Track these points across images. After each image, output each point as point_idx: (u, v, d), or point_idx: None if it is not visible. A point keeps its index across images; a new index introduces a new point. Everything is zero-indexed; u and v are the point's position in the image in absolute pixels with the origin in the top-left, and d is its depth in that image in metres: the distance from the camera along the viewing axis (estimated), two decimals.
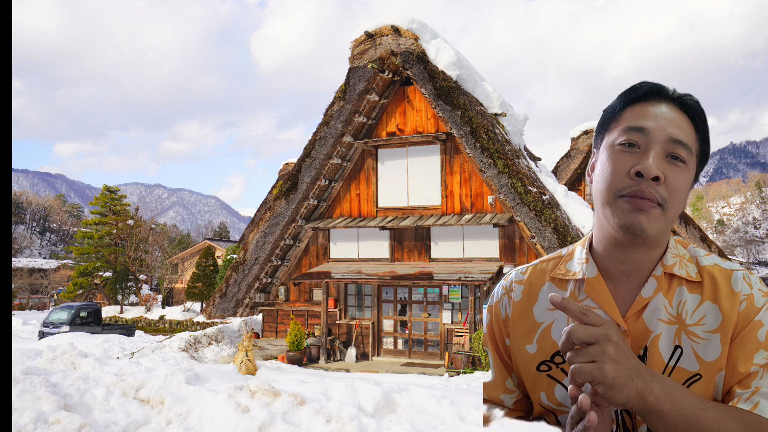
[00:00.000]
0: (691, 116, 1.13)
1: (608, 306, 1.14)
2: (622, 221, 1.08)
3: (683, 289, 1.13)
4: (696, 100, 1.15)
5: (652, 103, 1.13)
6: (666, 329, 1.11)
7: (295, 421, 5.59)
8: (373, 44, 15.06)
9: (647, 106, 1.13)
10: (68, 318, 21.02)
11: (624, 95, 1.17)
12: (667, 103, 1.13)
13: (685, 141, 1.10)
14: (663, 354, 1.10)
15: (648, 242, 1.11)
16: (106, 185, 38.01)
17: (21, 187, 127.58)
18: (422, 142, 15.50)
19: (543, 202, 13.17)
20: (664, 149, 1.09)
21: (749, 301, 1.10)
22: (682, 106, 1.13)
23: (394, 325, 15.47)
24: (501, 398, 1.33)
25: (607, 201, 1.10)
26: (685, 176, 1.10)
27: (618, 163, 1.10)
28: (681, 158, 1.09)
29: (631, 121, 1.12)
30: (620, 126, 1.13)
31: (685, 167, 1.10)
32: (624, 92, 1.17)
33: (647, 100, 1.14)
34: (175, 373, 6.49)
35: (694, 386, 1.08)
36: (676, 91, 1.15)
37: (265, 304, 17.13)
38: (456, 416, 6.11)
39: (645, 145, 1.09)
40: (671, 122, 1.11)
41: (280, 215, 16.25)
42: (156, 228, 46.04)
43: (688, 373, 1.09)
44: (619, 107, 1.16)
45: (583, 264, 1.20)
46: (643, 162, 1.07)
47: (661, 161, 1.08)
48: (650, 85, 1.15)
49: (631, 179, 1.07)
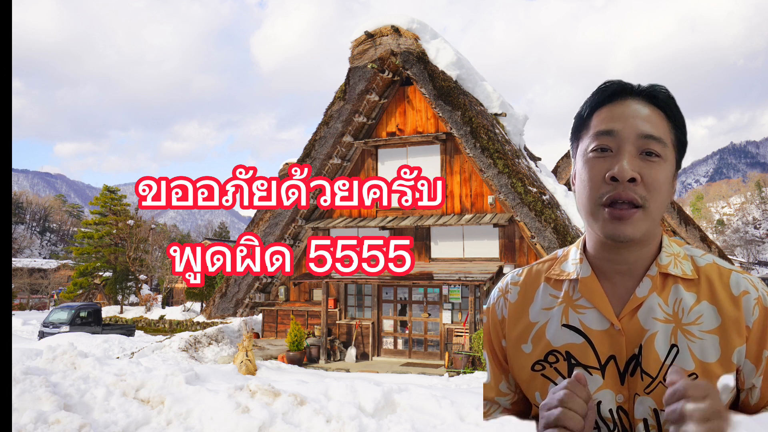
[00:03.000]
0: (662, 107, 1.13)
1: (602, 305, 1.14)
2: (605, 231, 1.09)
3: (679, 288, 1.13)
4: (664, 89, 1.14)
5: (619, 103, 1.13)
6: (662, 328, 1.10)
7: (295, 421, 5.59)
8: (373, 44, 15.05)
9: (614, 107, 1.13)
10: (68, 318, 21.01)
11: (590, 99, 1.17)
12: (634, 100, 1.13)
13: (656, 135, 1.09)
14: (659, 352, 1.10)
15: (637, 243, 1.12)
16: (106, 185, 38.03)
17: (21, 187, 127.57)
18: (422, 142, 15.49)
19: (543, 202, 13.17)
20: (637, 147, 1.09)
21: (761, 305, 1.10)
22: (650, 99, 1.13)
23: (394, 325, 15.47)
24: (496, 400, 1.34)
25: (589, 211, 1.11)
26: (663, 169, 1.10)
27: (593, 170, 1.10)
28: (655, 153, 1.09)
29: (599, 126, 1.12)
30: (590, 132, 1.14)
31: (660, 160, 1.09)
32: (589, 97, 1.17)
33: (614, 100, 1.13)
34: (175, 373, 6.49)
35: None
36: (641, 85, 1.15)
37: (265, 304, 17.13)
38: (456, 416, 6.11)
39: (616, 147, 1.09)
40: (640, 118, 1.10)
41: (280, 215, 16.24)
42: (156, 228, 46.03)
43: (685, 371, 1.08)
44: (586, 113, 1.16)
45: (577, 264, 1.21)
46: (616, 165, 1.07)
47: (635, 160, 1.08)
48: (615, 85, 1.15)
49: (608, 184, 1.08)
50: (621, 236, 1.08)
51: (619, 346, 1.12)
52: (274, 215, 16.29)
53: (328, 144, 15.74)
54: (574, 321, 1.17)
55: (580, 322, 1.16)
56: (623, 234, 1.07)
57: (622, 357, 1.12)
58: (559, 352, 1.17)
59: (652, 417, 1.09)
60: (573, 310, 1.18)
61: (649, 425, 1.10)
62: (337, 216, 16.53)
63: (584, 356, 1.15)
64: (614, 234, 1.08)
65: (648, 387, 1.10)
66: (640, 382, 1.10)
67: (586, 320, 1.16)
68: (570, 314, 1.18)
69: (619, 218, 1.07)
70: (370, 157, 16.22)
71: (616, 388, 1.12)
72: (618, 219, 1.07)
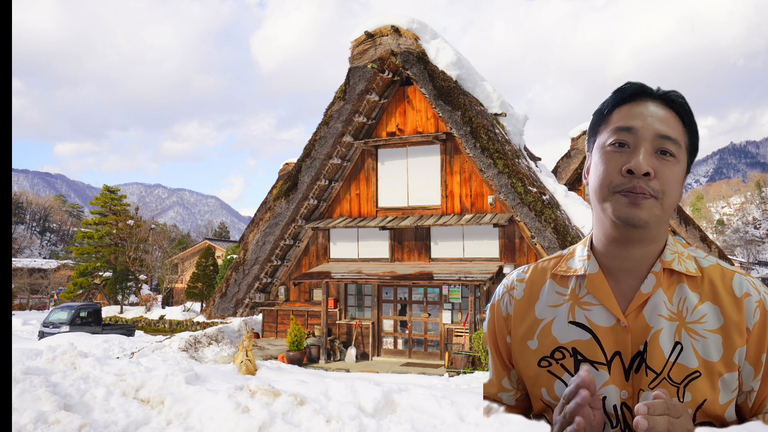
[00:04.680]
0: (678, 111, 1.17)
1: (609, 302, 1.17)
2: (618, 213, 1.12)
3: (684, 287, 1.15)
4: (680, 95, 1.19)
5: (639, 102, 1.18)
6: (667, 325, 1.12)
7: (295, 421, 5.59)
8: (373, 44, 15.06)
9: (634, 106, 1.17)
10: (68, 318, 21.02)
11: (611, 98, 1.21)
12: (653, 102, 1.17)
13: (672, 136, 1.14)
14: (664, 350, 1.11)
15: (646, 235, 1.14)
16: (106, 185, 38.01)
17: (21, 187, 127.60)
18: (422, 142, 15.50)
19: (543, 202, 13.17)
20: (653, 146, 1.13)
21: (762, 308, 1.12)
22: (667, 103, 1.17)
23: (394, 325, 15.47)
24: (498, 396, 1.35)
25: (603, 197, 1.14)
26: (676, 169, 1.14)
27: (610, 163, 1.14)
28: (670, 152, 1.13)
29: (619, 122, 1.16)
30: (609, 127, 1.18)
31: (675, 160, 1.14)
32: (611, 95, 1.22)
33: (634, 100, 1.18)
34: (175, 373, 6.49)
35: (693, 383, 1.10)
36: (661, 89, 1.19)
37: (265, 304, 17.13)
38: (456, 416, 6.11)
39: (634, 143, 1.14)
40: (658, 119, 1.15)
41: (280, 215, 16.25)
42: (156, 228, 46.05)
43: (688, 369, 1.10)
44: (607, 109, 1.20)
45: (584, 261, 1.23)
46: (633, 160, 1.11)
47: (651, 157, 1.12)
48: (636, 86, 1.19)
49: (623, 177, 1.12)
50: (635, 218, 1.11)
51: (625, 343, 1.14)
52: (274, 215, 16.29)
53: (328, 144, 15.74)
54: (581, 318, 1.19)
55: (587, 319, 1.18)
56: (637, 216, 1.10)
57: (628, 353, 1.14)
58: (566, 348, 1.19)
59: None
60: (579, 307, 1.20)
61: None
62: (337, 216, 16.54)
63: (591, 352, 1.16)
64: (628, 215, 1.11)
65: (652, 383, 1.11)
66: (644, 378, 1.12)
67: (593, 317, 1.18)
68: (576, 311, 1.20)
69: (634, 202, 1.10)
70: (370, 157, 16.22)
71: (620, 384, 1.14)
72: (633, 202, 1.10)
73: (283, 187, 16.43)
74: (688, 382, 1.09)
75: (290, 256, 17.00)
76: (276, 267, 16.94)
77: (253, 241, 16.55)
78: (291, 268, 17.06)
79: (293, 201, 16.09)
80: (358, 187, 16.36)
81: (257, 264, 16.52)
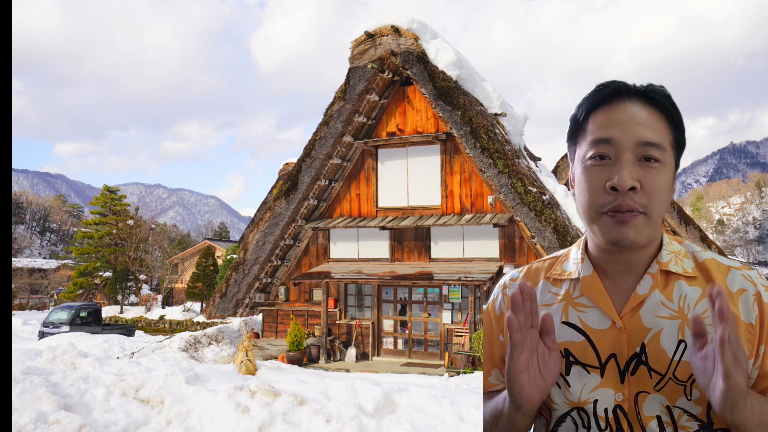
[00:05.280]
0: (659, 108, 1.11)
1: (604, 303, 1.15)
2: (608, 237, 1.09)
3: (682, 284, 1.13)
4: (660, 88, 1.12)
5: (615, 105, 1.11)
6: (669, 324, 1.10)
7: (295, 421, 5.59)
8: (373, 44, 15.05)
9: (610, 110, 1.11)
10: (68, 318, 21.01)
11: (584, 102, 1.15)
12: (631, 102, 1.11)
13: (655, 140, 1.08)
14: (667, 350, 1.09)
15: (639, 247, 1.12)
16: (106, 185, 38.00)
17: (21, 187, 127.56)
18: (422, 142, 15.50)
19: (543, 202, 13.17)
20: (636, 154, 1.08)
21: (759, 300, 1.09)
22: (647, 100, 1.11)
23: (394, 325, 15.47)
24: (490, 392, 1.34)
25: (590, 219, 1.11)
26: (663, 174, 1.09)
27: (592, 179, 1.10)
28: (654, 158, 1.08)
29: (596, 133, 1.10)
30: (587, 138, 1.12)
31: (660, 165, 1.09)
32: (584, 99, 1.15)
33: (609, 103, 1.11)
34: (175, 373, 6.49)
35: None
36: (637, 85, 1.13)
37: (265, 304, 17.13)
38: (456, 416, 6.12)
39: (615, 155, 1.08)
40: (638, 123, 1.09)
41: (280, 215, 16.25)
42: (156, 228, 46.03)
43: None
44: (582, 116, 1.15)
45: (578, 263, 1.21)
46: (616, 175, 1.06)
47: (634, 167, 1.07)
48: (611, 88, 1.13)
49: (608, 194, 1.07)
50: (624, 240, 1.08)
51: (621, 345, 1.12)
52: (274, 215, 16.30)
53: (328, 144, 15.74)
54: (574, 319, 1.17)
55: (580, 321, 1.17)
56: (627, 238, 1.07)
57: (623, 355, 1.12)
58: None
59: (665, 414, 1.09)
60: (573, 308, 1.18)
61: (663, 422, 1.09)
62: (337, 216, 16.54)
63: (583, 354, 1.15)
64: (618, 238, 1.08)
65: (658, 384, 1.10)
66: (648, 380, 1.10)
67: (587, 319, 1.16)
68: (570, 312, 1.18)
69: (622, 222, 1.07)
70: (370, 157, 16.22)
71: (615, 386, 1.12)
72: (621, 222, 1.07)
73: (283, 187, 16.43)
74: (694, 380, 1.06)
75: (290, 256, 17.00)
76: (276, 267, 16.94)
77: (253, 241, 16.55)
78: (291, 268, 17.06)
79: (293, 201, 16.09)
80: (358, 187, 16.36)
81: (257, 264, 16.52)
